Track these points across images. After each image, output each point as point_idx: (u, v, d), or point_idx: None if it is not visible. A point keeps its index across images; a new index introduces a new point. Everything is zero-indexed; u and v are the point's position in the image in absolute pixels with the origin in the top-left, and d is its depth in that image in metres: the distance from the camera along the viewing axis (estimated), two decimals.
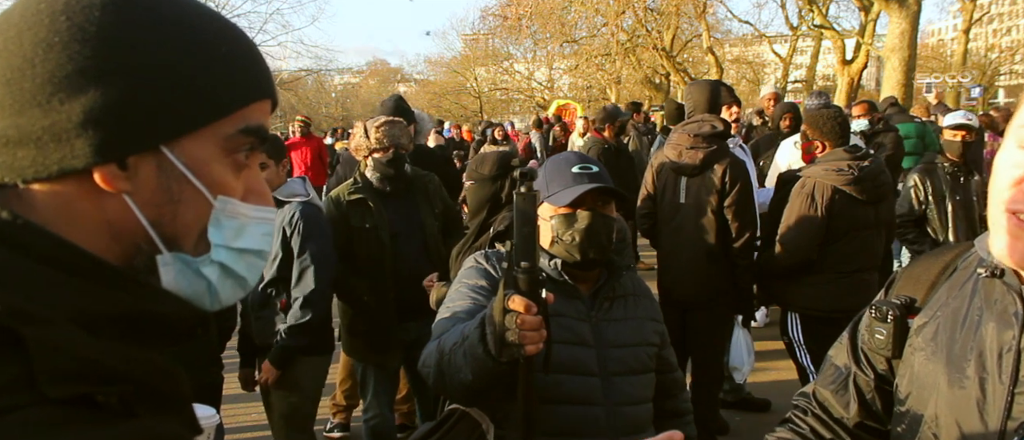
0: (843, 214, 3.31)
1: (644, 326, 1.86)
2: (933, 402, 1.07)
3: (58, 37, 0.60)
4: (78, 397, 0.55)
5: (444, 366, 1.52)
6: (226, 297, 0.70)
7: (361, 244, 3.15)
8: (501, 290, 1.31)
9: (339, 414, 4.22)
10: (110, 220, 0.63)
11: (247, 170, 0.70)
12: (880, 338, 1.18)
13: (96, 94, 0.60)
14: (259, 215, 0.71)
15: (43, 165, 0.60)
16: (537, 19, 25.67)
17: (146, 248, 0.65)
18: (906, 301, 1.18)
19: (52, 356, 0.54)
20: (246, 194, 0.70)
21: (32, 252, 0.58)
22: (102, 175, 0.61)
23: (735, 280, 3.59)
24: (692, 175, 3.58)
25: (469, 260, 1.88)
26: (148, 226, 0.64)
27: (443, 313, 1.75)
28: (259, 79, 0.70)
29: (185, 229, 0.66)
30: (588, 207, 1.74)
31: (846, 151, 3.39)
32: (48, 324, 0.55)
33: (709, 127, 3.56)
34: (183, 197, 0.65)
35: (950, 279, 1.15)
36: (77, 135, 0.60)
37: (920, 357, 1.11)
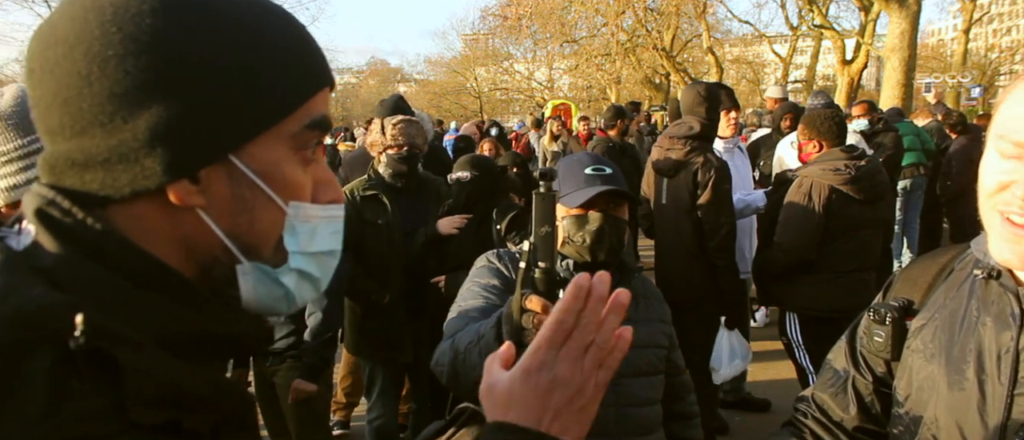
0: (840, 214, 3.31)
1: (654, 328, 1.86)
2: (932, 404, 1.07)
3: (112, 50, 0.56)
4: (167, 423, 0.54)
5: (458, 365, 1.52)
6: (301, 300, 0.69)
7: (373, 240, 3.16)
8: (518, 290, 1.31)
9: (339, 411, 4.23)
10: (185, 235, 0.61)
11: (314, 164, 0.68)
12: (879, 341, 1.18)
13: (159, 109, 0.57)
14: (327, 214, 0.69)
15: (114, 187, 0.58)
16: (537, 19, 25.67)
17: (224, 259, 0.63)
18: (904, 303, 1.18)
19: (144, 381, 0.53)
20: (316, 187, 0.68)
21: (124, 269, 0.57)
22: (175, 192, 0.59)
23: (716, 280, 3.60)
24: (670, 176, 3.62)
25: (480, 259, 1.88)
26: (224, 237, 0.62)
27: (455, 312, 1.75)
28: (316, 67, 0.66)
29: (263, 236, 0.64)
30: (600, 209, 1.75)
31: (843, 151, 3.39)
32: (139, 347, 0.53)
33: (686, 128, 3.59)
34: (257, 204, 0.63)
35: (947, 280, 1.15)
36: (145, 154, 0.57)
37: (919, 359, 1.11)
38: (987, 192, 0.97)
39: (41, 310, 0.52)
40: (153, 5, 0.58)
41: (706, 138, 3.64)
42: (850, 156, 3.36)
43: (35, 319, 0.51)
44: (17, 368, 0.50)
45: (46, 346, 0.51)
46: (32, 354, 0.50)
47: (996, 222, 0.96)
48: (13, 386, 0.50)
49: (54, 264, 0.56)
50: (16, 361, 0.50)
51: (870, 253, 3.45)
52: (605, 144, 6.67)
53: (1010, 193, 0.93)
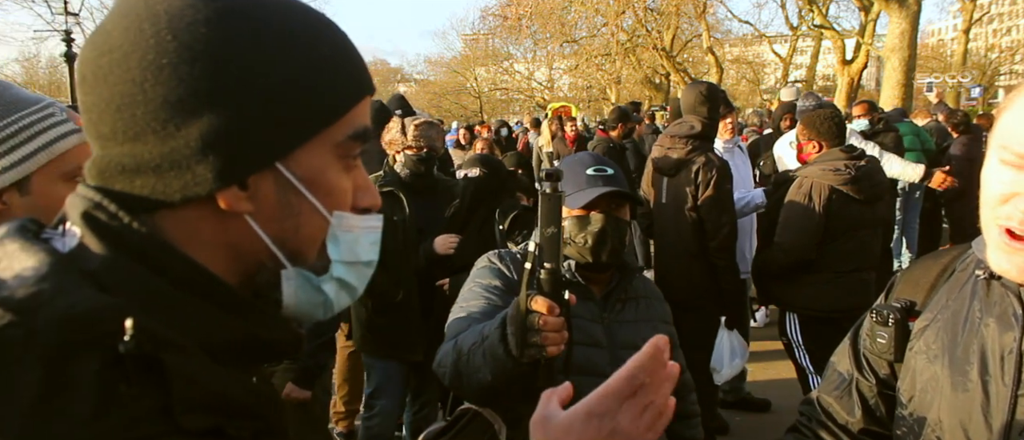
0: (841, 214, 3.31)
1: (656, 328, 1.86)
2: (936, 405, 1.06)
3: (167, 59, 0.57)
4: (211, 429, 0.55)
5: (461, 366, 1.52)
6: (339, 307, 0.70)
7: (388, 236, 3.15)
8: (523, 290, 1.31)
9: (342, 422, 4.17)
10: (232, 240, 0.62)
11: (355, 170, 0.69)
12: (882, 342, 1.18)
13: (211, 117, 0.58)
14: (367, 224, 0.70)
15: (164, 194, 0.59)
16: (537, 19, 25.69)
17: (270, 264, 0.64)
18: (906, 304, 1.18)
19: (189, 386, 0.53)
20: (356, 192, 0.69)
21: (169, 274, 0.58)
22: (225, 199, 0.60)
23: (716, 280, 3.61)
24: (670, 175, 3.62)
25: (482, 260, 1.88)
26: (271, 243, 0.63)
27: (457, 313, 1.75)
28: (360, 76, 0.68)
29: (308, 242, 0.65)
30: (602, 210, 1.75)
31: (842, 151, 3.40)
32: (185, 352, 0.54)
33: (687, 127, 3.60)
34: (303, 210, 0.64)
35: (949, 281, 1.15)
36: (197, 161, 0.58)
37: (922, 360, 1.11)
38: (988, 202, 0.97)
39: (90, 313, 0.52)
40: (207, 15, 0.59)
41: (707, 137, 3.65)
42: (850, 156, 3.36)
43: (84, 321, 0.52)
44: (65, 370, 0.50)
45: (95, 349, 0.51)
46: (80, 356, 0.51)
47: (995, 233, 0.97)
48: (61, 387, 0.50)
49: (100, 267, 0.57)
50: (64, 363, 0.50)
51: (870, 253, 3.45)
52: (606, 144, 6.67)
53: (1012, 206, 0.93)
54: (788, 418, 1.48)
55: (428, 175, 3.29)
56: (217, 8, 0.59)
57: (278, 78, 0.60)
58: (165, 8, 0.59)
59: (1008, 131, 0.95)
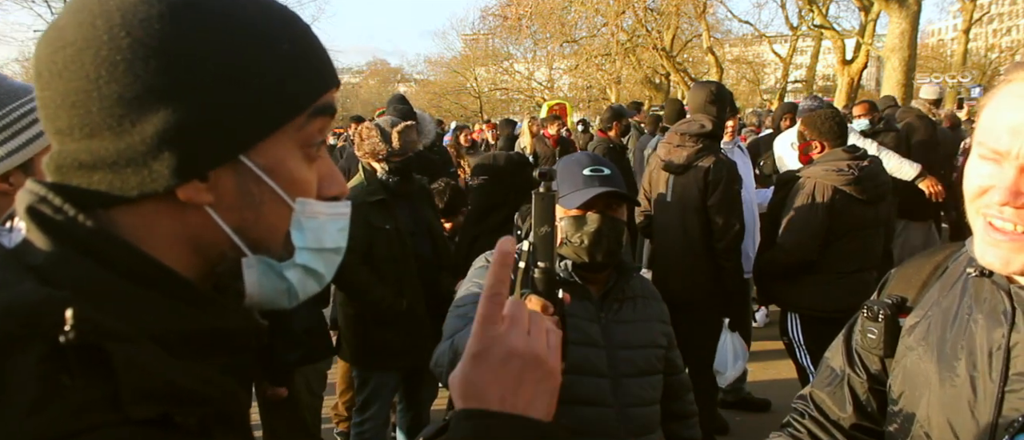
0: (844, 214, 3.31)
1: (652, 328, 1.87)
2: (925, 401, 1.08)
3: (121, 55, 0.57)
4: (159, 417, 0.54)
5: None
6: (304, 294, 0.70)
7: (381, 245, 3.15)
8: (518, 289, 1.32)
9: (342, 423, 4.15)
10: (192, 231, 0.62)
11: (319, 159, 0.69)
12: (872, 338, 1.19)
13: (167, 113, 0.58)
14: (334, 211, 0.70)
15: (121, 189, 0.59)
16: (537, 19, 25.67)
17: (231, 254, 0.64)
18: (897, 300, 1.19)
19: (137, 375, 0.53)
20: (321, 182, 0.69)
21: (114, 266, 0.57)
22: (183, 191, 0.60)
23: (721, 281, 3.59)
24: (678, 173, 3.61)
25: (479, 260, 1.88)
26: (231, 233, 0.63)
27: (454, 312, 1.75)
28: (323, 69, 0.67)
29: (270, 231, 0.65)
30: (598, 210, 1.75)
31: (845, 151, 3.39)
32: (132, 342, 0.54)
33: (697, 126, 3.59)
34: (264, 199, 0.64)
35: (941, 278, 1.16)
36: (153, 157, 0.58)
37: (912, 356, 1.12)
38: (969, 195, 1.00)
39: (30, 305, 0.52)
40: (161, 10, 0.58)
41: (717, 137, 3.64)
42: (852, 156, 3.36)
43: (23, 314, 0.51)
44: (3, 364, 0.50)
45: (35, 342, 0.50)
46: (20, 349, 0.50)
47: (979, 225, 0.99)
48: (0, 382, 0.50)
49: (44, 261, 0.56)
50: (2, 357, 0.50)
51: (872, 253, 3.45)
52: (605, 145, 6.67)
53: (989, 197, 0.95)
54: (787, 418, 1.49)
55: (411, 179, 3.30)
56: (171, 3, 0.59)
57: (235, 73, 0.60)
58: (118, 4, 0.58)
59: (984, 127, 0.98)
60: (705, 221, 3.53)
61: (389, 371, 3.30)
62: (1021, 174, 0.93)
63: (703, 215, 3.53)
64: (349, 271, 3.08)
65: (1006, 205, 0.93)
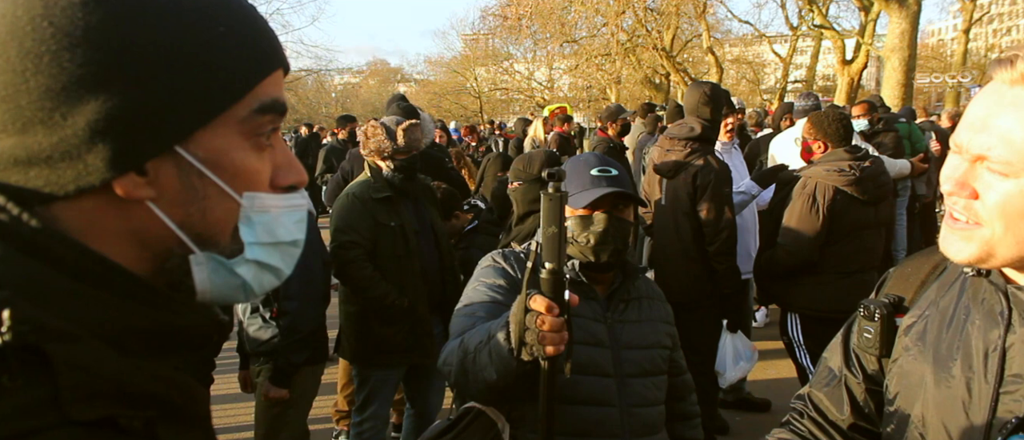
0: (845, 214, 3.31)
1: (657, 328, 1.87)
2: (920, 402, 1.07)
3: (45, 46, 0.55)
4: (102, 419, 0.53)
5: (467, 364, 1.52)
6: (260, 290, 0.68)
7: (386, 242, 3.16)
8: (524, 289, 1.32)
9: (343, 421, 4.15)
10: (136, 228, 0.61)
11: (271, 149, 0.66)
12: (868, 337, 1.19)
13: (97, 103, 0.56)
14: (289, 203, 0.68)
15: (58, 184, 0.57)
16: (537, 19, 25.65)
17: (178, 250, 0.63)
18: (894, 300, 1.19)
19: (78, 375, 0.52)
20: (275, 172, 0.67)
21: (62, 265, 0.56)
22: (121, 186, 0.58)
23: (716, 284, 3.60)
24: (669, 177, 3.62)
25: (485, 259, 1.89)
26: (176, 229, 0.61)
27: (461, 312, 1.76)
28: (265, 50, 0.65)
29: (218, 226, 0.64)
30: (605, 210, 1.75)
31: (847, 151, 3.39)
32: (75, 341, 0.53)
33: (687, 130, 3.59)
34: (209, 193, 0.62)
35: (940, 278, 1.16)
36: (87, 150, 0.57)
37: (908, 356, 1.12)
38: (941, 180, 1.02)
39: None
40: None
41: (707, 140, 3.64)
42: (854, 157, 3.36)
43: None
44: None
45: None
46: None
47: (945, 217, 1.01)
48: None
49: None
50: None
51: (872, 253, 3.45)
52: (605, 144, 6.67)
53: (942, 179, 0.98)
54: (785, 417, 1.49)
55: (416, 177, 3.32)
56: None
57: (166, 58, 0.58)
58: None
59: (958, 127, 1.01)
60: (697, 224, 3.55)
61: (390, 369, 3.29)
62: (971, 167, 0.95)
63: (694, 218, 3.54)
64: (354, 267, 3.09)
65: (952, 195, 0.97)
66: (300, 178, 0.69)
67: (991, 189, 0.92)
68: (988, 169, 0.93)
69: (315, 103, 37.65)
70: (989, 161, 0.92)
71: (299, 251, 0.71)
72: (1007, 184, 0.91)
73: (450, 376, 1.61)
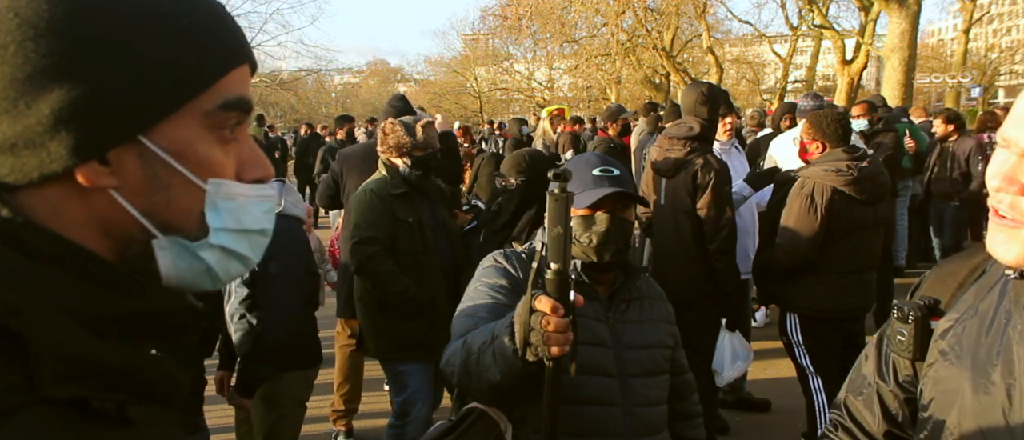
0: (843, 215, 3.31)
1: (659, 328, 1.87)
2: (956, 408, 1.02)
3: (10, 37, 0.56)
4: (76, 400, 0.54)
5: (471, 365, 1.52)
6: (227, 277, 0.69)
7: (404, 238, 3.17)
8: (529, 290, 1.31)
9: (340, 421, 4.15)
10: (100, 216, 0.62)
11: (236, 143, 0.67)
12: (901, 339, 1.15)
13: (61, 93, 0.57)
14: (256, 193, 0.69)
15: (22, 172, 0.58)
16: (537, 19, 25.67)
17: (141, 237, 0.63)
18: (929, 302, 1.15)
19: (53, 356, 0.53)
20: (240, 168, 0.68)
21: (35, 253, 0.57)
22: (84, 174, 0.59)
23: (715, 282, 3.60)
24: (668, 176, 3.62)
25: (487, 259, 1.89)
26: (140, 217, 0.62)
27: (463, 312, 1.76)
28: (231, 45, 0.66)
29: (182, 214, 0.64)
30: (607, 210, 1.75)
31: (845, 151, 3.39)
32: (49, 324, 0.54)
33: (686, 129, 3.60)
34: (173, 182, 0.63)
35: (978, 281, 1.11)
36: (49, 138, 0.58)
37: (943, 362, 1.07)
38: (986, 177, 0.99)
39: None
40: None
41: (706, 139, 3.65)
42: (852, 157, 3.36)
43: None
44: None
45: None
46: None
47: (991, 215, 0.97)
48: None
49: None
50: None
51: (870, 253, 3.45)
52: (606, 144, 6.67)
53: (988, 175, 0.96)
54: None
55: (431, 176, 3.33)
56: None
57: (131, 49, 0.59)
58: None
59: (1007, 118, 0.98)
60: (697, 223, 3.55)
61: (419, 363, 3.26)
62: (1020, 161, 0.92)
63: (694, 217, 3.55)
64: (375, 262, 3.08)
65: (999, 190, 0.93)
66: (266, 172, 0.70)
67: None
68: None
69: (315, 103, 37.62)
70: None
71: (267, 240, 0.72)
72: None
73: (453, 377, 1.60)
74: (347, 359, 4.12)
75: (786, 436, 4.03)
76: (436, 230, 3.27)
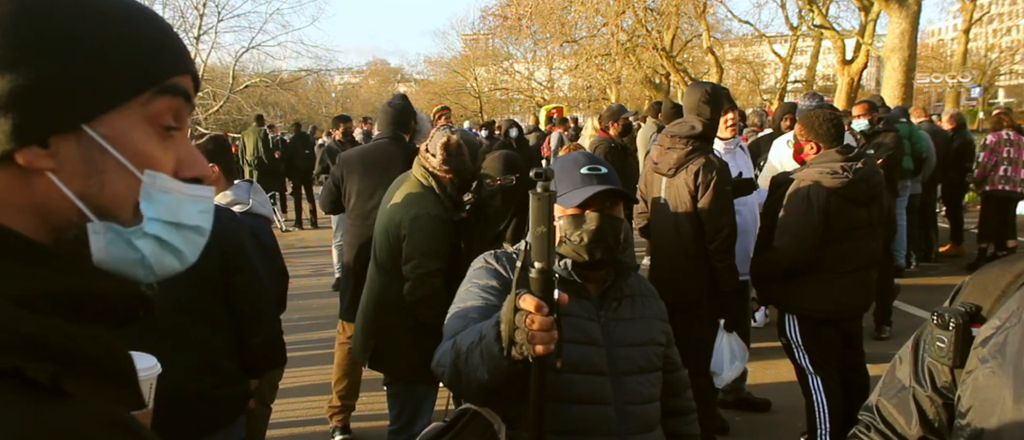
0: (839, 216, 3.31)
1: (651, 325, 1.88)
2: (996, 417, 0.99)
3: None
4: (9, 370, 0.55)
5: (460, 365, 1.53)
6: (161, 270, 0.70)
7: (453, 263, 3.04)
8: (513, 289, 1.32)
9: (336, 416, 4.15)
10: (37, 198, 0.63)
11: (175, 141, 0.70)
12: (941, 346, 1.12)
13: (7, 79, 0.60)
14: (193, 192, 0.71)
15: None
16: (537, 19, 25.68)
17: (78, 221, 0.65)
18: (971, 309, 1.12)
19: None
20: (178, 165, 0.70)
21: None
22: (24, 156, 0.62)
23: (715, 282, 3.59)
24: (669, 176, 3.61)
25: (478, 260, 1.89)
26: (76, 199, 0.64)
27: (454, 313, 1.76)
28: (175, 53, 0.70)
29: (116, 200, 0.66)
30: (596, 208, 1.75)
31: (839, 152, 3.39)
32: None
33: (687, 128, 3.59)
34: (107, 168, 0.65)
35: (1022, 288, 1.08)
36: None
37: (984, 370, 1.05)
38: None
39: None
40: None
41: (707, 138, 3.64)
42: (846, 158, 3.36)
43: None
44: None
45: None
46: None
47: None
48: None
49: None
50: None
51: (869, 253, 3.45)
52: (607, 144, 6.66)
53: None
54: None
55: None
56: None
57: (78, 45, 0.63)
58: None
59: None
60: (697, 223, 3.54)
61: (435, 386, 3.20)
62: None
63: (694, 217, 3.54)
64: (440, 295, 2.90)
65: None
66: (203, 172, 0.73)
67: None
68: None
69: (315, 103, 37.61)
70: None
71: (204, 240, 0.74)
72: None
73: (444, 377, 1.61)
74: (346, 356, 4.13)
75: (786, 436, 4.03)
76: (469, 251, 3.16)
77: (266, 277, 2.68)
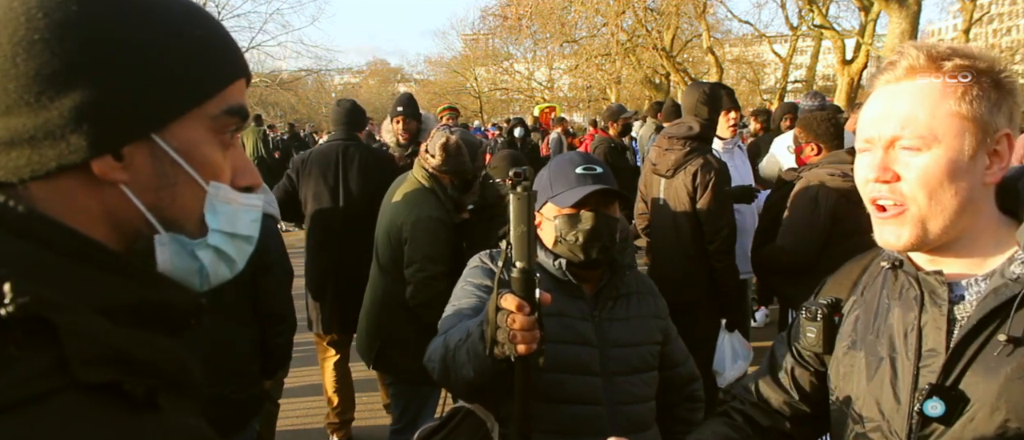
0: (847, 217, 3.29)
1: (647, 324, 1.87)
2: (855, 384, 1.20)
3: (38, 34, 0.59)
4: (108, 384, 0.56)
5: (448, 362, 1.54)
6: (216, 279, 0.72)
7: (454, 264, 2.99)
8: (495, 288, 1.33)
9: (338, 432, 4.11)
10: (109, 209, 0.64)
11: (232, 149, 0.72)
12: (810, 336, 1.30)
13: (83, 89, 0.60)
14: (247, 202, 0.74)
15: (40, 164, 0.61)
16: (537, 19, 25.67)
17: (147, 232, 0.67)
18: (832, 301, 1.31)
19: (83, 342, 0.55)
20: (234, 173, 0.72)
21: (50, 245, 0.59)
22: (99, 168, 0.62)
23: (715, 282, 3.59)
24: (668, 177, 3.61)
25: (474, 259, 1.91)
26: (146, 211, 0.66)
27: (448, 310, 1.78)
28: (235, 58, 0.72)
29: (185, 212, 0.68)
30: (591, 208, 1.75)
31: (848, 153, 3.38)
32: (74, 311, 0.55)
33: (685, 129, 3.59)
34: (178, 180, 0.67)
35: (866, 276, 1.30)
36: (71, 131, 0.61)
37: (843, 347, 1.25)
38: (860, 190, 1.13)
39: None
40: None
41: (705, 139, 3.64)
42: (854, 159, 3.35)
43: None
44: None
45: None
46: None
47: (872, 212, 1.12)
48: None
49: None
50: None
51: None
52: (607, 144, 6.66)
53: (868, 180, 1.09)
54: None
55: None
56: None
57: (149, 55, 0.64)
58: None
59: (858, 129, 1.13)
60: (696, 223, 3.54)
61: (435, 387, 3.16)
62: (886, 153, 1.07)
63: (694, 217, 3.53)
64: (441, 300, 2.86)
65: (878, 181, 1.07)
66: (255, 181, 0.75)
67: (909, 166, 1.05)
68: (903, 149, 1.05)
69: (315, 103, 37.59)
70: (902, 140, 1.05)
71: (251, 248, 0.76)
72: (922, 157, 1.03)
73: (434, 373, 1.63)
74: (334, 372, 4.04)
75: None
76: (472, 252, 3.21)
77: None
